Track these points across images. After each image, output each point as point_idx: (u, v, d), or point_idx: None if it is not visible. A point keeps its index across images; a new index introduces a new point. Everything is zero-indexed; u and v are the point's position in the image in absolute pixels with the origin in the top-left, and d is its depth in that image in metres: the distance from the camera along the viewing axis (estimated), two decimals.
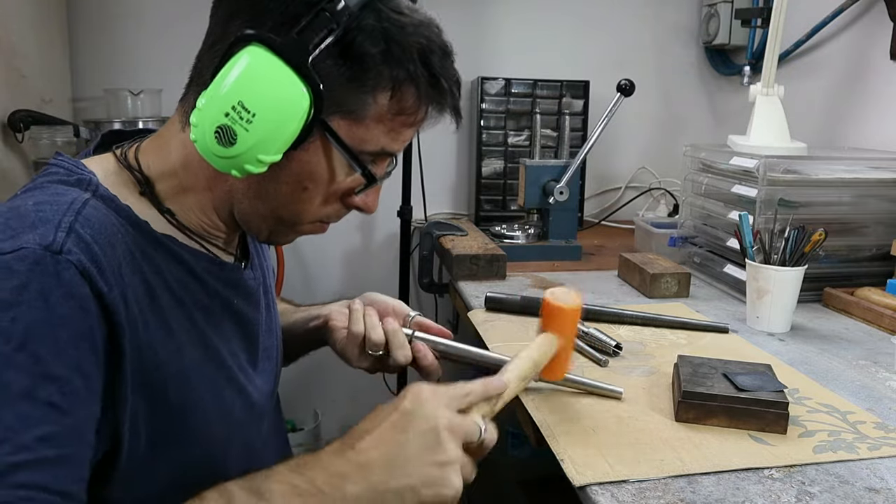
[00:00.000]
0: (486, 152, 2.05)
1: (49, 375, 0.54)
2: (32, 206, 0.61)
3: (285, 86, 0.62)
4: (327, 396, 2.22)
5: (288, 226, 0.75)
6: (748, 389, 0.83)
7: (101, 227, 0.62)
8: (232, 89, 0.61)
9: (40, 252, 0.56)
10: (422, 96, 0.69)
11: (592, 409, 0.87)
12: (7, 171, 1.58)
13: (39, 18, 1.70)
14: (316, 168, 0.69)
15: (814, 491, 0.71)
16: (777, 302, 1.16)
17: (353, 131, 0.68)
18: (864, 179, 1.36)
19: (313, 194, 0.71)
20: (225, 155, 0.62)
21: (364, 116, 0.68)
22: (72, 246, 0.58)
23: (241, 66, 0.61)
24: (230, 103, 0.61)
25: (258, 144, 0.62)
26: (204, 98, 0.62)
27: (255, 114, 0.61)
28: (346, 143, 0.67)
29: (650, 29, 2.21)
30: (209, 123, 0.61)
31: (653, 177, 2.19)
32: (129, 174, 0.71)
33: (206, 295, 0.73)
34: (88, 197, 0.64)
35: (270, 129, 0.62)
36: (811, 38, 1.76)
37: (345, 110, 0.67)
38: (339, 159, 0.69)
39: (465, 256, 1.48)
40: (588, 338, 1.07)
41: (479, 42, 2.11)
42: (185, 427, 0.68)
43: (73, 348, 0.56)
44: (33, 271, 0.55)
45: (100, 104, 1.87)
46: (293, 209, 0.72)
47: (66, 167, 0.68)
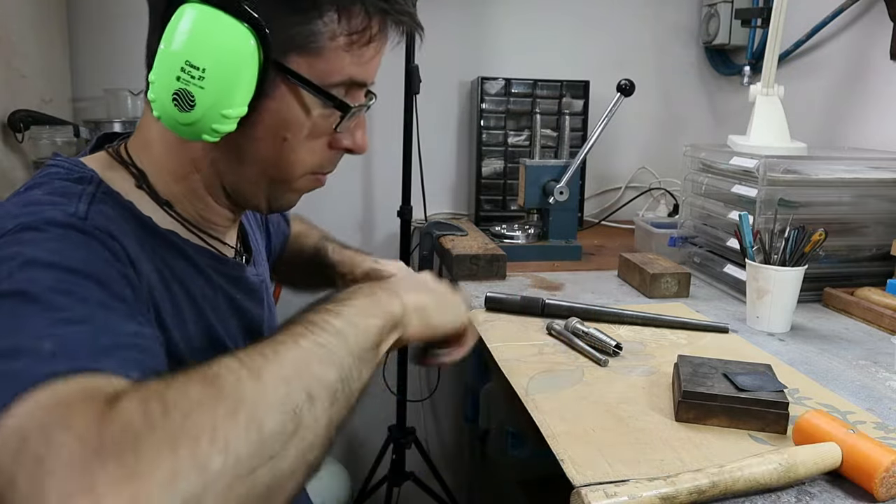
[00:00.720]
0: (486, 152, 2.05)
1: (117, 295, 0.55)
2: (43, 195, 0.61)
3: (225, 32, 0.60)
4: None
5: (281, 184, 0.72)
6: (748, 389, 0.83)
7: (113, 216, 0.62)
8: (176, 52, 0.60)
9: (67, 219, 0.57)
10: (369, 10, 0.66)
11: (592, 409, 0.87)
12: (7, 171, 1.58)
13: (39, 18, 1.70)
14: (288, 114, 0.67)
15: (814, 491, 0.71)
16: (777, 302, 1.16)
17: (313, 66, 0.66)
18: (864, 179, 1.36)
19: (294, 143, 0.69)
20: (189, 121, 0.61)
21: (320, 48, 0.65)
22: (94, 215, 0.59)
23: (179, 26, 0.60)
24: (178, 65, 0.60)
25: (218, 100, 0.61)
26: (152, 73, 0.61)
27: (204, 69, 0.60)
28: (310, 80, 0.66)
29: (650, 29, 2.21)
30: (165, 92, 0.61)
31: (653, 177, 2.19)
32: (124, 170, 0.71)
33: (211, 289, 0.73)
34: (94, 191, 0.64)
35: (225, 80, 0.61)
36: (811, 38, 1.76)
37: (298, 46, 0.65)
38: (309, 98, 0.67)
39: (465, 256, 1.48)
40: (588, 338, 1.07)
41: (479, 42, 2.11)
42: None
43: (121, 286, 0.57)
44: (67, 230, 0.56)
45: (100, 104, 1.87)
46: (280, 164, 0.70)
47: (66, 167, 0.68)
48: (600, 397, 0.91)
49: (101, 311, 0.52)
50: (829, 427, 0.74)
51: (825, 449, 0.71)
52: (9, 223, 0.57)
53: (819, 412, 0.78)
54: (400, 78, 1.79)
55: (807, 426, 0.75)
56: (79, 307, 0.51)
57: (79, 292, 0.52)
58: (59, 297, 0.51)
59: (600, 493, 0.64)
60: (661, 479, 0.67)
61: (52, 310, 0.50)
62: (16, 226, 0.56)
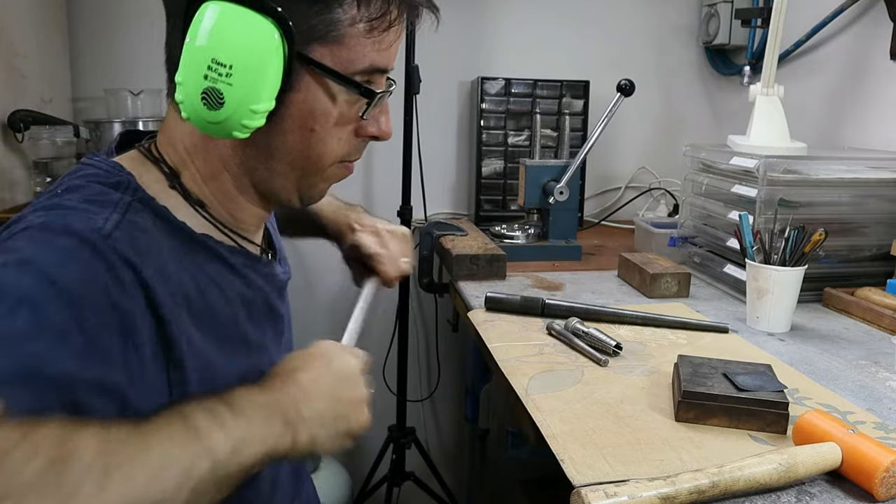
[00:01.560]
0: (486, 152, 2.05)
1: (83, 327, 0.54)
2: (79, 201, 0.62)
3: (249, 27, 0.61)
4: None
5: (312, 175, 0.73)
6: (748, 389, 0.83)
7: (146, 227, 0.63)
8: (202, 49, 0.60)
9: (87, 233, 0.57)
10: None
11: (592, 409, 0.87)
12: (7, 170, 1.58)
13: (39, 18, 1.70)
14: (315, 105, 0.68)
15: (814, 491, 0.71)
16: (777, 302, 1.16)
17: (336, 55, 0.66)
18: (864, 179, 1.36)
19: (322, 134, 0.69)
20: (218, 119, 0.62)
21: (341, 36, 0.66)
22: (119, 234, 0.59)
23: (203, 24, 0.60)
24: (205, 64, 0.60)
25: (246, 96, 0.61)
26: (180, 72, 0.62)
27: (231, 65, 0.60)
28: (334, 70, 0.66)
29: (650, 29, 2.21)
30: (193, 93, 0.61)
31: (653, 177, 2.19)
32: (157, 169, 0.70)
33: (249, 290, 0.74)
34: (130, 200, 0.64)
35: (252, 76, 0.61)
36: (811, 38, 1.76)
37: (320, 36, 0.65)
38: (334, 87, 0.67)
39: (465, 256, 1.48)
40: (588, 338, 1.07)
41: (479, 42, 2.11)
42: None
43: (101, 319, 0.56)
44: (80, 244, 0.56)
45: (100, 104, 1.87)
46: (310, 155, 0.70)
47: (105, 168, 0.67)
48: (600, 397, 0.91)
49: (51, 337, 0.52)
50: (829, 427, 0.74)
51: (825, 449, 0.71)
52: (37, 219, 0.58)
53: (819, 412, 0.78)
54: (400, 78, 1.79)
55: (807, 426, 0.75)
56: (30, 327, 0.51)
57: (44, 310, 0.52)
58: (22, 308, 0.51)
59: (600, 493, 0.64)
60: (661, 479, 0.67)
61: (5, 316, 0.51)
62: (40, 223, 0.57)
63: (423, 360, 2.29)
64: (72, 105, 1.89)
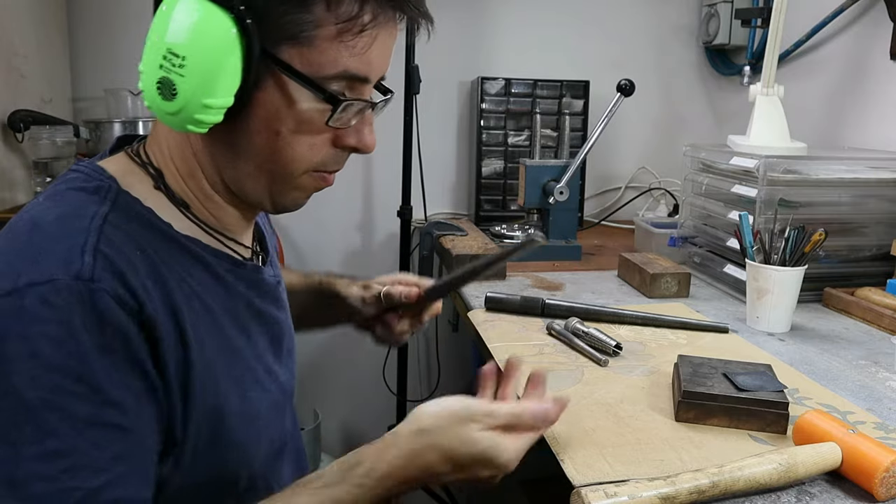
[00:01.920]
0: (486, 152, 2.05)
1: (108, 400, 0.57)
2: (54, 221, 0.61)
3: (206, 20, 0.59)
4: (327, 396, 2.22)
5: (281, 180, 0.70)
6: (748, 389, 0.83)
7: (123, 245, 0.61)
8: (159, 40, 0.60)
9: (73, 283, 0.57)
10: None
11: (592, 409, 0.87)
12: (7, 170, 1.58)
13: (39, 18, 1.70)
14: (278, 106, 0.64)
15: (814, 491, 0.71)
16: (777, 302, 1.16)
17: (306, 58, 0.63)
18: (864, 179, 1.36)
19: (288, 137, 0.67)
20: (173, 110, 0.61)
21: (311, 38, 0.63)
22: (101, 272, 0.58)
23: (163, 15, 0.60)
24: (161, 53, 0.60)
25: (198, 89, 0.60)
26: (141, 62, 0.62)
27: (184, 56, 0.59)
28: (300, 72, 0.63)
29: (650, 29, 2.21)
30: (150, 81, 0.61)
31: (653, 177, 2.19)
32: (143, 171, 0.70)
33: (230, 298, 0.72)
34: (107, 210, 0.63)
35: (205, 69, 0.60)
36: (811, 38, 1.76)
37: (289, 36, 0.63)
38: (300, 91, 0.64)
39: (465, 256, 1.48)
40: (588, 338, 1.07)
41: (479, 42, 2.11)
42: (218, 431, 0.68)
43: (120, 371, 0.58)
44: (71, 305, 0.56)
45: (100, 104, 1.87)
46: (276, 159, 0.68)
47: (86, 172, 0.67)
48: (600, 397, 0.91)
49: (87, 433, 0.56)
50: (828, 427, 0.74)
51: (825, 449, 0.71)
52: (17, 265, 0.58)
53: (819, 412, 0.78)
54: (400, 78, 1.79)
55: (807, 426, 0.75)
56: (66, 430, 0.55)
57: (69, 407, 0.55)
58: (50, 413, 0.54)
59: (600, 493, 0.64)
60: (661, 479, 0.67)
61: (42, 431, 0.54)
62: (25, 284, 0.56)
63: (423, 360, 2.29)
64: (72, 105, 1.89)
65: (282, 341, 0.83)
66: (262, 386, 0.76)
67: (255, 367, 0.75)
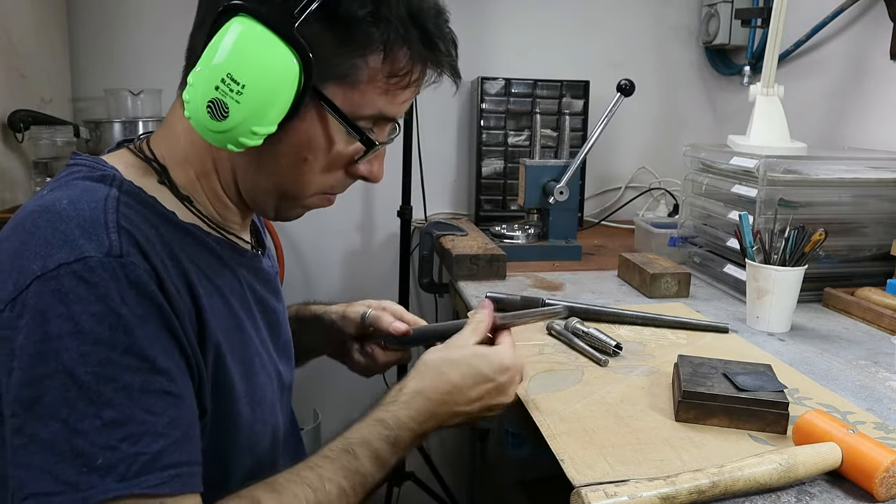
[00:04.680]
0: (486, 152, 2.05)
1: (156, 368, 0.59)
2: (68, 205, 0.62)
3: (273, 54, 0.61)
4: (327, 396, 2.22)
5: (292, 199, 0.74)
6: (748, 389, 0.83)
7: (140, 223, 0.63)
8: (220, 62, 0.61)
9: (106, 260, 0.58)
10: (414, 56, 0.68)
11: (592, 409, 0.87)
12: (7, 171, 1.58)
13: (39, 18, 1.70)
14: (314, 138, 0.68)
15: (814, 491, 0.71)
16: (777, 302, 1.16)
17: (348, 97, 0.67)
18: (864, 179, 1.36)
19: (314, 165, 0.70)
20: (219, 129, 0.62)
21: (358, 81, 0.67)
22: (128, 247, 0.60)
23: (227, 38, 0.61)
24: (219, 76, 0.61)
25: (251, 116, 0.62)
26: (193, 75, 0.62)
27: (244, 85, 0.61)
28: (342, 110, 0.67)
29: (650, 29, 2.21)
30: (201, 98, 0.62)
31: (653, 177, 2.19)
32: (146, 165, 0.71)
33: (236, 281, 0.74)
34: (117, 193, 0.65)
35: (261, 99, 0.61)
36: (811, 38, 1.76)
37: (338, 76, 0.66)
38: (337, 127, 0.68)
39: (465, 256, 1.48)
40: (588, 338, 1.07)
41: (479, 42, 2.11)
42: (229, 408, 0.70)
43: (161, 340, 0.60)
44: (106, 280, 0.58)
45: (100, 104, 1.87)
46: (295, 181, 0.71)
47: (88, 164, 0.68)
48: (600, 397, 0.91)
49: (142, 401, 0.58)
50: (828, 427, 0.74)
51: (825, 449, 0.71)
52: (43, 250, 0.58)
53: (819, 412, 0.78)
54: None
55: (807, 426, 0.75)
56: (121, 400, 0.57)
57: (121, 378, 0.57)
58: (104, 386, 0.56)
59: (600, 493, 0.64)
60: (661, 479, 0.67)
61: (97, 404, 0.56)
62: (56, 265, 0.57)
63: None
64: (72, 105, 1.89)
65: (279, 333, 0.84)
66: (266, 370, 0.77)
67: (261, 352, 0.77)
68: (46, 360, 0.56)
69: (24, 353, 0.56)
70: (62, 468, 0.55)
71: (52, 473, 0.55)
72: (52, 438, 0.55)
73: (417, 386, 0.76)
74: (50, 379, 0.55)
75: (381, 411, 0.75)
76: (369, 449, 0.71)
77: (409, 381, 0.77)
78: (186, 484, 0.59)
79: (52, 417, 0.55)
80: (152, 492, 0.57)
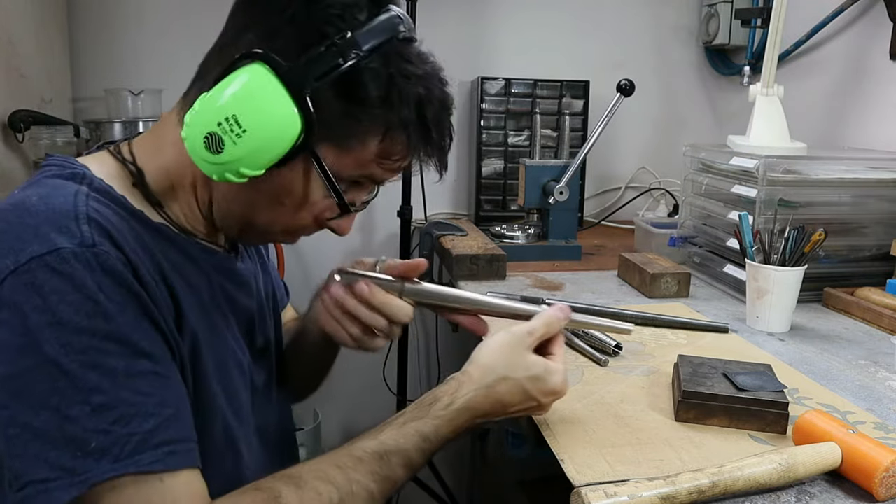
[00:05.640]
0: (486, 152, 2.05)
1: (139, 352, 0.60)
2: (38, 201, 0.62)
3: (280, 110, 0.63)
4: (327, 396, 2.22)
5: (258, 233, 0.76)
6: (748, 389, 0.83)
7: (109, 216, 0.64)
8: (229, 101, 0.62)
9: (79, 250, 0.59)
10: (411, 145, 0.70)
11: (592, 409, 0.87)
12: (7, 171, 1.58)
13: (39, 18, 1.70)
14: (295, 187, 0.70)
15: (813, 491, 0.71)
16: (777, 302, 1.16)
17: (339, 159, 0.69)
18: (864, 179, 1.36)
19: (289, 210, 0.72)
20: (210, 160, 0.64)
21: (352, 149, 0.69)
22: (100, 237, 0.61)
23: (242, 81, 0.62)
24: (224, 114, 0.62)
25: (243, 158, 0.63)
26: (200, 102, 0.63)
27: (245, 130, 0.62)
28: (330, 170, 0.68)
29: (650, 29, 2.21)
30: (201, 128, 0.63)
31: (653, 177, 2.19)
32: (122, 167, 0.72)
33: (205, 279, 0.75)
34: (87, 189, 0.66)
35: (258, 147, 0.63)
36: (811, 38, 1.76)
37: (334, 139, 0.68)
38: (319, 183, 0.70)
39: (465, 256, 1.48)
40: (588, 338, 1.07)
41: (479, 42, 2.11)
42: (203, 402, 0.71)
43: (142, 325, 0.61)
44: (81, 269, 0.58)
45: (100, 104, 1.87)
46: (267, 218, 0.73)
47: (59, 163, 0.70)
48: (600, 397, 0.91)
49: (129, 384, 0.59)
50: (828, 427, 0.74)
51: (825, 449, 0.71)
52: (15, 245, 0.59)
53: (819, 412, 0.78)
54: None
55: (807, 426, 0.75)
56: (108, 385, 0.58)
57: (106, 363, 0.58)
58: (90, 373, 0.57)
59: (600, 493, 0.64)
60: (661, 479, 0.67)
61: (85, 390, 0.57)
62: (28, 259, 0.58)
63: (423, 360, 2.29)
64: (72, 105, 1.89)
65: (254, 333, 0.84)
66: (240, 368, 0.78)
67: (234, 349, 0.78)
68: (30, 352, 0.56)
69: (7, 348, 0.57)
70: (57, 455, 0.56)
71: (47, 461, 0.55)
72: (45, 427, 0.56)
73: (467, 403, 0.74)
74: (36, 370, 0.56)
75: (426, 423, 0.73)
76: (405, 458, 0.72)
77: (461, 394, 0.75)
78: (183, 460, 0.60)
79: (42, 406, 0.56)
80: (148, 469, 0.58)
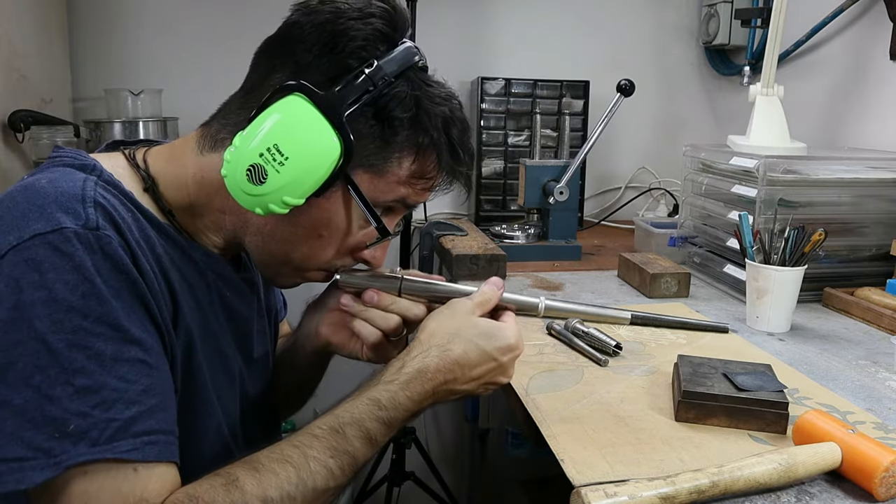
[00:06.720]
0: (486, 152, 2.05)
1: (129, 338, 0.60)
2: (46, 184, 0.63)
3: (320, 135, 0.65)
4: (327, 397, 2.22)
5: (294, 269, 0.76)
6: (748, 389, 0.83)
7: (117, 205, 0.65)
8: (270, 132, 0.64)
9: (82, 232, 0.59)
10: (441, 163, 0.73)
11: (592, 409, 0.87)
12: (7, 171, 1.58)
13: (39, 18, 1.70)
14: (334, 217, 0.72)
15: (813, 491, 0.71)
16: (777, 302, 1.16)
17: (374, 184, 0.71)
18: (864, 179, 1.36)
19: (327, 242, 0.74)
20: (252, 192, 0.65)
21: (386, 172, 0.71)
22: (105, 222, 0.61)
23: (281, 112, 0.65)
24: (266, 145, 0.64)
25: (286, 186, 0.65)
26: (239, 138, 0.65)
27: (288, 157, 0.64)
28: (366, 197, 0.70)
29: (650, 29, 2.21)
30: (243, 161, 0.65)
31: (653, 177, 2.19)
32: (134, 171, 0.73)
33: (204, 282, 0.75)
34: (95, 178, 0.66)
35: (300, 173, 0.65)
36: (811, 38, 1.76)
37: (369, 165, 0.70)
38: (357, 211, 0.72)
39: (465, 256, 1.48)
40: (588, 338, 1.07)
41: (479, 42, 2.11)
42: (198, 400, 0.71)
43: (136, 312, 0.61)
44: (81, 251, 0.59)
45: (100, 104, 1.87)
46: (304, 254, 0.74)
47: (71, 155, 0.70)
48: (600, 397, 0.91)
49: (115, 369, 0.58)
50: (828, 427, 0.74)
51: (825, 449, 0.71)
52: (20, 222, 0.59)
53: (819, 412, 0.78)
54: None
55: (807, 426, 0.75)
56: (94, 367, 0.57)
57: (94, 345, 0.57)
58: (76, 353, 0.57)
59: (600, 493, 0.64)
60: (661, 479, 0.67)
61: (69, 371, 0.56)
62: (31, 235, 0.58)
63: None
64: (72, 105, 1.89)
65: (250, 342, 0.84)
66: (231, 373, 0.78)
67: (226, 353, 0.78)
68: (19, 327, 0.56)
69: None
70: (33, 434, 0.55)
71: (23, 440, 0.55)
72: (24, 405, 0.55)
73: (420, 365, 0.73)
74: (22, 346, 0.56)
75: (379, 390, 0.71)
76: (361, 429, 0.69)
77: (411, 357, 0.74)
78: (161, 452, 0.60)
79: (24, 384, 0.56)
80: (124, 457, 0.57)
